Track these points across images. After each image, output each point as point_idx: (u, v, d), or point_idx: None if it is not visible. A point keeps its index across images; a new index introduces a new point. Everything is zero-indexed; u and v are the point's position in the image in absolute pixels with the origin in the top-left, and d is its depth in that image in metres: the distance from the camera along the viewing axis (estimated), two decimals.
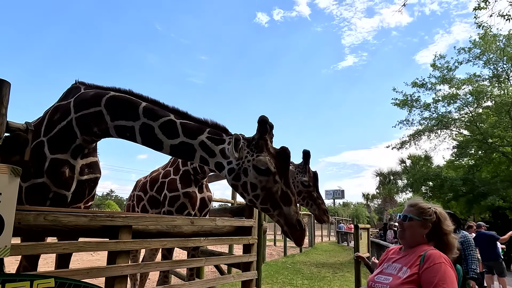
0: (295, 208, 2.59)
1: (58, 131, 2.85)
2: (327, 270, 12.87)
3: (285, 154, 2.68)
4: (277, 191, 2.60)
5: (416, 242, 2.22)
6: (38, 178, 2.76)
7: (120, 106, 2.79)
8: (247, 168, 2.67)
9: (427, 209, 2.23)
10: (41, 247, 2.34)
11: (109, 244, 2.71)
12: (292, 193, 2.63)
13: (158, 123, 2.73)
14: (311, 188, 4.30)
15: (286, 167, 2.67)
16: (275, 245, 24.14)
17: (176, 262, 3.28)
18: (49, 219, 2.39)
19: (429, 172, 24.70)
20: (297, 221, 2.56)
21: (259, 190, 2.63)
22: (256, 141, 2.74)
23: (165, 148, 2.77)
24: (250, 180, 2.65)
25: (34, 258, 2.83)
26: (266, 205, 2.64)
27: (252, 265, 4.08)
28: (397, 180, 49.42)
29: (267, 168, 2.60)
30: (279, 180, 2.61)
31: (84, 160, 2.98)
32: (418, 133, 24.84)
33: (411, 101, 24.22)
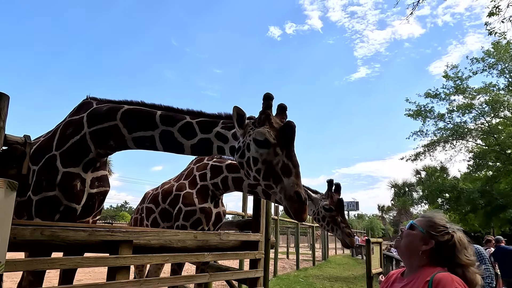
0: (295, 180, 2.41)
1: (71, 145, 2.88)
2: (340, 285, 12.56)
3: (288, 125, 2.54)
4: (277, 163, 2.46)
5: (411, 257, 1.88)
6: (50, 192, 2.76)
7: (136, 118, 2.85)
8: (249, 143, 2.59)
9: (440, 226, 1.85)
10: (38, 263, 2.29)
11: (108, 260, 2.65)
12: (294, 164, 2.46)
13: (176, 128, 2.78)
14: (334, 212, 4.37)
15: (289, 139, 2.51)
16: (288, 258, 23.79)
17: (179, 278, 3.19)
18: (46, 234, 2.34)
19: (445, 184, 24.13)
20: (295, 192, 2.35)
21: (260, 164, 2.51)
22: (258, 116, 2.66)
23: (186, 149, 2.80)
24: (252, 155, 2.56)
25: (39, 273, 2.79)
26: (269, 181, 2.49)
27: (259, 281, 3.96)
28: (412, 192, 48.50)
29: (265, 139, 2.49)
30: (280, 152, 2.47)
31: (94, 174, 3.00)
32: (433, 144, 24.39)
33: (424, 112, 23.85)
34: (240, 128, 2.66)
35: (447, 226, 1.86)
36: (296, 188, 2.37)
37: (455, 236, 1.81)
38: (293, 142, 2.54)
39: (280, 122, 2.64)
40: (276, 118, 2.68)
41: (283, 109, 2.80)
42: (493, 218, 23.20)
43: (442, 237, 1.81)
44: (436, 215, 1.95)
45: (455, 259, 1.76)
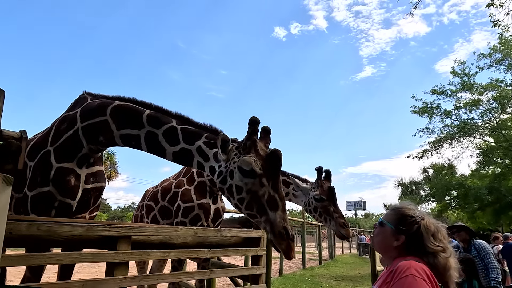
0: (283, 215, 2.33)
1: (65, 141, 2.87)
2: (347, 284, 12.47)
3: (275, 155, 2.46)
4: (263, 194, 2.37)
5: (386, 252, 1.83)
6: (44, 187, 2.76)
7: (125, 114, 2.80)
8: (233, 170, 2.50)
9: (408, 217, 1.78)
10: (33, 258, 2.28)
11: (106, 255, 2.63)
12: (281, 197, 2.39)
13: (161, 131, 2.72)
14: (326, 202, 4.10)
15: (276, 170, 2.44)
16: (294, 257, 23.71)
17: (178, 275, 3.17)
18: (43, 229, 2.33)
19: (452, 181, 23.89)
20: (283, 228, 2.26)
21: (244, 193, 2.43)
22: (244, 142, 2.57)
23: (168, 155, 2.74)
24: (235, 183, 2.47)
25: (37, 269, 2.79)
26: (252, 211, 2.41)
27: (261, 277, 3.92)
28: (420, 190, 48.10)
29: (251, 169, 2.39)
30: (267, 183, 2.39)
31: (89, 169, 2.98)
32: (440, 141, 24.16)
33: (431, 109, 23.63)
34: (223, 154, 2.57)
35: (414, 215, 1.78)
36: (285, 224, 2.29)
37: (421, 223, 1.74)
38: (279, 173, 2.49)
39: (265, 148, 2.57)
40: (260, 143, 2.60)
41: (267, 132, 2.70)
42: (502, 215, 22.90)
43: (412, 228, 1.75)
44: (404, 205, 1.88)
45: (423, 247, 1.70)
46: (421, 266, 1.58)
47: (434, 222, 1.79)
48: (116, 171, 40.14)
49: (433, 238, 1.71)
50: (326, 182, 4.23)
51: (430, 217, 1.81)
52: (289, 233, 2.26)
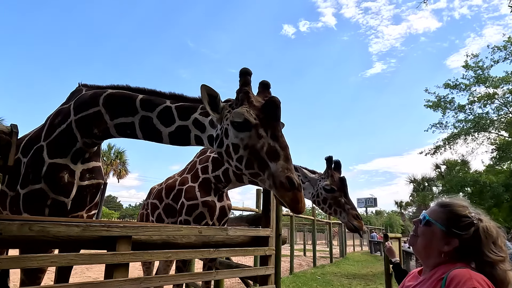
0: (285, 164, 2.06)
1: (58, 135, 2.73)
2: (358, 282, 12.24)
3: (271, 102, 2.20)
4: (262, 147, 2.13)
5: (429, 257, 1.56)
6: (36, 184, 2.62)
7: (118, 102, 2.64)
8: (227, 128, 2.27)
9: (462, 217, 1.49)
10: (26, 260, 2.13)
11: (104, 257, 2.48)
12: (282, 146, 2.13)
13: (155, 113, 2.55)
14: (337, 193, 3.85)
15: (274, 118, 2.19)
16: (305, 255, 23.52)
17: (182, 276, 3.01)
18: (35, 230, 2.19)
19: (466, 178, 23.36)
20: (286, 178, 2.00)
21: (241, 150, 2.19)
22: (236, 96, 2.33)
23: (164, 138, 2.57)
24: (231, 141, 2.24)
25: (32, 272, 2.67)
26: (253, 169, 2.16)
27: (270, 278, 3.75)
28: (432, 187, 47.39)
29: (244, 119, 2.16)
30: (264, 134, 2.15)
31: (85, 165, 2.83)
32: (453, 137, 23.65)
33: (444, 103, 23.12)
34: (215, 113, 2.34)
35: (470, 215, 1.51)
36: (287, 173, 2.01)
37: (480, 226, 1.47)
38: (279, 121, 2.21)
39: (262, 101, 2.30)
40: (257, 97, 2.35)
41: (266, 86, 2.44)
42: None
43: (468, 232, 1.47)
44: (456, 202, 1.59)
45: (480, 255, 1.44)
46: (481, 277, 1.36)
47: (495, 226, 1.52)
48: (126, 169, 40.34)
49: (493, 245, 1.45)
50: (336, 172, 3.95)
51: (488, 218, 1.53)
52: (293, 182, 1.99)
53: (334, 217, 4.00)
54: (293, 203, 2.01)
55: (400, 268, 3.77)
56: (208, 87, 2.30)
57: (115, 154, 39.06)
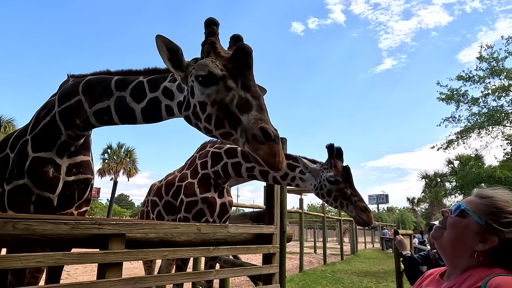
0: (258, 114, 1.77)
1: (42, 128, 2.60)
2: (369, 280, 12.02)
3: (240, 49, 1.92)
4: (232, 100, 1.85)
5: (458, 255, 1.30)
6: (20, 180, 2.51)
7: (95, 87, 2.47)
8: (192, 85, 1.98)
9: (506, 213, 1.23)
10: (9, 261, 2.01)
11: (95, 256, 2.36)
12: (254, 95, 1.85)
13: (128, 91, 2.34)
14: (342, 184, 3.50)
15: (244, 65, 1.90)
16: (315, 252, 23.33)
17: (180, 275, 2.88)
18: (20, 228, 2.07)
19: (481, 173, 22.83)
20: (260, 129, 1.70)
21: (209, 108, 1.90)
22: (201, 49, 2.03)
23: (138, 116, 2.34)
24: (197, 100, 1.95)
25: (19, 272, 2.55)
26: (224, 127, 1.87)
27: (274, 277, 3.60)
28: (445, 183, 46.63)
29: (208, 72, 1.88)
30: (234, 85, 1.87)
31: (71, 159, 2.69)
32: (466, 131, 23.10)
33: (457, 96, 22.59)
34: (178, 71, 2.04)
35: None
36: (261, 123, 1.73)
37: None
38: (251, 69, 1.93)
39: (230, 52, 2.01)
40: (227, 50, 2.08)
41: (238, 39, 2.15)
42: None
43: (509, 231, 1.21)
44: (500, 195, 1.30)
45: None
46: None
47: None
48: (136, 168, 40.50)
49: None
50: (339, 161, 3.64)
51: None
52: (269, 132, 1.69)
53: (341, 210, 3.70)
54: (268, 157, 1.70)
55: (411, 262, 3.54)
56: (165, 39, 2.01)
57: (125, 153, 39.27)
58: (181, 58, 2.05)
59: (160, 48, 2.00)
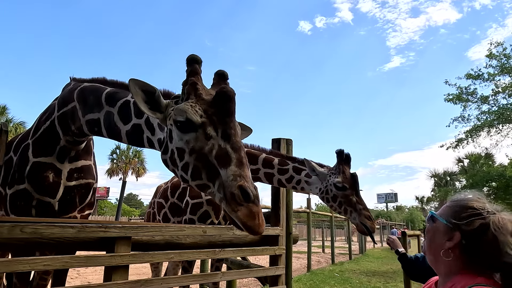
0: (237, 169, 1.61)
1: (43, 132, 2.62)
2: (378, 280, 11.95)
3: (222, 93, 1.77)
4: (210, 150, 1.69)
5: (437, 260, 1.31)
6: (20, 184, 2.53)
7: (88, 97, 2.43)
8: (171, 129, 1.86)
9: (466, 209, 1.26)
10: (17, 264, 2.05)
11: (102, 259, 2.38)
12: (234, 147, 1.69)
13: (116, 108, 2.28)
14: (348, 191, 3.53)
15: (225, 113, 1.75)
16: (324, 252, 23.25)
17: (186, 278, 2.90)
18: (28, 232, 2.10)
19: (491, 172, 22.52)
20: (238, 187, 1.53)
21: (187, 156, 1.75)
22: (182, 89, 1.90)
23: (123, 137, 2.29)
24: (175, 145, 1.81)
25: (24, 275, 2.59)
26: (201, 179, 1.71)
27: (280, 279, 3.61)
28: (455, 182, 46.15)
29: (186, 118, 1.74)
30: (214, 133, 1.72)
31: (72, 164, 2.70)
32: (476, 129, 22.80)
33: (466, 95, 22.31)
34: (156, 112, 1.91)
35: (478, 207, 1.25)
36: (240, 181, 1.56)
37: (491, 220, 1.19)
38: (233, 116, 1.78)
39: (213, 93, 1.86)
40: (210, 89, 1.92)
41: (222, 76, 1.99)
42: None
43: (469, 225, 1.21)
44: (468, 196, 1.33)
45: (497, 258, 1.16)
46: None
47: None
48: (144, 168, 40.82)
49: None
50: (347, 167, 3.65)
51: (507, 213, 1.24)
52: (248, 193, 1.52)
53: (344, 216, 3.69)
54: (247, 220, 1.52)
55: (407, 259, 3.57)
56: (140, 82, 1.90)
57: (133, 153, 39.60)
58: (159, 99, 1.93)
59: (134, 92, 1.89)
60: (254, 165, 3.66)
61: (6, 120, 24.50)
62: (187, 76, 1.88)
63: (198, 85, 1.85)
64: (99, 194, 43.81)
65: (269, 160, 3.60)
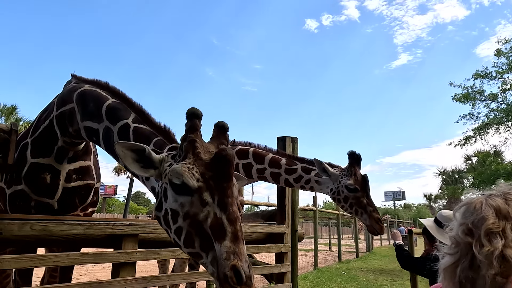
0: (232, 246, 1.49)
1: (42, 132, 2.59)
2: (385, 278, 11.92)
3: (220, 157, 1.65)
4: (206, 218, 1.58)
5: None
6: (18, 185, 2.53)
7: (88, 103, 2.36)
8: (166, 187, 1.76)
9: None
10: (27, 260, 2.10)
11: (109, 256, 2.43)
12: (230, 219, 1.55)
13: (116, 128, 2.22)
14: (359, 193, 3.61)
15: (223, 178, 1.63)
16: (330, 249, 23.23)
17: (192, 274, 2.94)
18: (37, 229, 2.15)
19: (499, 169, 22.31)
20: (231, 268, 1.43)
21: (180, 220, 1.64)
22: (180, 144, 1.82)
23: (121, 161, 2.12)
24: (169, 206, 1.70)
25: (26, 272, 2.60)
26: (194, 247, 1.61)
27: (285, 276, 3.64)
28: (463, 179, 45.74)
29: (182, 182, 1.63)
30: (210, 200, 1.60)
31: (71, 165, 2.67)
32: (485, 127, 22.59)
33: (473, 94, 22.10)
34: (150, 169, 1.81)
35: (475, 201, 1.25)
36: (233, 260, 1.44)
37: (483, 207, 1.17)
38: (230, 182, 1.66)
39: (213, 150, 1.76)
40: (209, 144, 1.82)
41: (222, 129, 1.88)
42: None
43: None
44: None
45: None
46: None
47: None
48: None
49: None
50: (358, 168, 3.71)
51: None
52: (241, 275, 1.42)
53: (355, 216, 3.77)
54: None
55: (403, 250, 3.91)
56: (126, 144, 1.82)
57: None
58: (150, 156, 1.81)
59: (122, 155, 1.79)
60: (261, 165, 3.69)
61: (16, 120, 24.80)
62: (186, 131, 1.79)
63: (197, 142, 1.75)
64: (107, 192, 44.20)
65: (276, 160, 3.64)
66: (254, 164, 3.74)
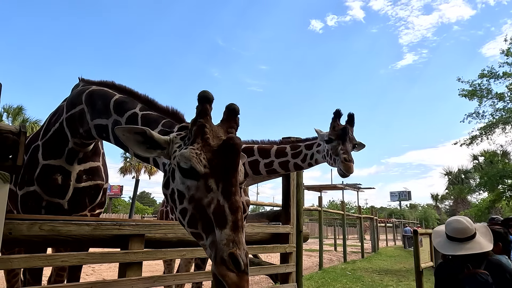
0: (232, 234, 1.53)
1: (52, 134, 2.67)
2: (390, 278, 11.89)
3: (228, 146, 1.67)
4: (209, 204, 1.62)
5: None
6: (30, 186, 2.60)
7: (97, 101, 2.44)
8: (174, 168, 1.80)
9: None
10: (36, 260, 2.14)
11: (116, 255, 2.47)
12: (232, 208, 1.59)
13: (124, 118, 2.28)
14: (335, 142, 3.54)
15: (229, 167, 1.66)
16: (336, 250, 23.18)
17: (198, 274, 2.97)
18: (46, 229, 2.19)
19: (506, 169, 22.10)
20: (229, 255, 1.46)
21: (186, 202, 1.70)
22: (189, 127, 1.83)
23: (130, 151, 2.23)
24: (176, 186, 1.76)
25: (37, 271, 2.64)
26: (196, 228, 1.66)
27: (290, 276, 3.65)
28: (470, 179, 45.40)
29: (190, 167, 1.66)
30: (215, 187, 1.63)
31: (82, 166, 2.74)
32: (491, 126, 22.39)
33: (480, 91, 21.93)
34: (157, 149, 1.85)
35: None
36: (232, 248, 1.48)
37: None
38: (236, 171, 1.68)
39: (222, 135, 1.77)
40: (219, 128, 1.83)
41: (233, 112, 1.89)
42: None
43: None
44: None
45: None
46: None
47: None
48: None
49: None
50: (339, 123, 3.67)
51: None
52: (239, 262, 1.44)
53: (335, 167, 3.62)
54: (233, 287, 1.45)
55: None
56: (126, 127, 1.87)
57: None
58: (152, 137, 1.84)
59: (125, 138, 1.84)
60: (267, 159, 3.66)
61: (22, 120, 25.04)
62: (196, 115, 1.81)
63: (207, 127, 1.76)
64: (113, 192, 44.44)
65: (282, 149, 3.63)
66: (261, 159, 3.70)
